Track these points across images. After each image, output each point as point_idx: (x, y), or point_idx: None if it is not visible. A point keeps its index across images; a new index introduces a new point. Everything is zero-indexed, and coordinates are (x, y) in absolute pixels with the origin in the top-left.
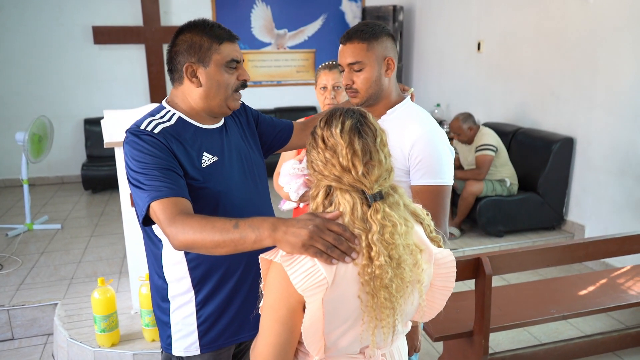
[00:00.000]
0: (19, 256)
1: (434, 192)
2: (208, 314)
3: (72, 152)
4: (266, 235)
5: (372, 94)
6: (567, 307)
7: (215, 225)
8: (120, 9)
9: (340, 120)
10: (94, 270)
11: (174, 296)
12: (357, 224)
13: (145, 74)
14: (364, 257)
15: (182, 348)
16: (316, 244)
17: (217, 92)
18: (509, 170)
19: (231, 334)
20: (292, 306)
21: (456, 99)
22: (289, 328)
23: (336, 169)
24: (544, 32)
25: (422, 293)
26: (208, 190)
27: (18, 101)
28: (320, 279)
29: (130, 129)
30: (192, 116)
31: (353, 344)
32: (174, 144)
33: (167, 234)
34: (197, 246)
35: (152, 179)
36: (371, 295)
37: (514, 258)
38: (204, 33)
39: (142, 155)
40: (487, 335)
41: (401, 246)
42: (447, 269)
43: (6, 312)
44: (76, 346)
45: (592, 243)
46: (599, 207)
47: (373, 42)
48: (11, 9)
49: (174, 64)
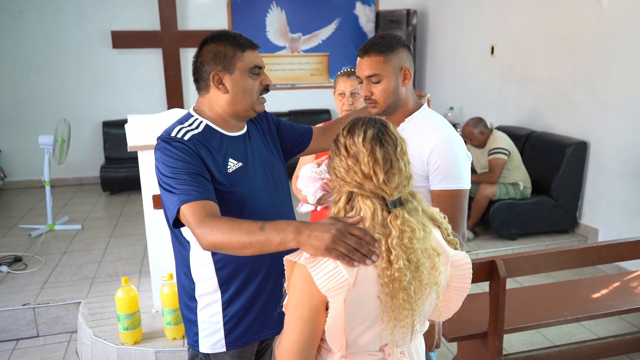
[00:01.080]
0: (42, 256)
1: (453, 196)
2: (233, 313)
3: (90, 154)
4: (290, 238)
5: (390, 104)
6: (580, 310)
7: (242, 227)
8: (139, 14)
9: (362, 129)
10: (114, 270)
11: (201, 295)
12: (377, 229)
13: (162, 77)
14: (384, 260)
15: (209, 345)
16: (339, 247)
17: (243, 97)
18: (522, 173)
19: (255, 332)
20: (315, 305)
21: (469, 103)
22: (312, 326)
23: (358, 176)
24: (558, 36)
25: (440, 294)
26: (234, 195)
27: (38, 104)
28: (342, 281)
29: (162, 136)
30: (218, 124)
31: (373, 342)
32: (202, 150)
33: (196, 235)
34: (225, 247)
35: (182, 183)
36: (390, 296)
37: (527, 261)
38: (228, 42)
39: (173, 161)
40: (501, 336)
41: (419, 250)
42: (463, 270)
43: (32, 310)
44: (100, 343)
45: (605, 247)
46: (612, 210)
47: (389, 54)
48: (32, 14)
49: (200, 74)
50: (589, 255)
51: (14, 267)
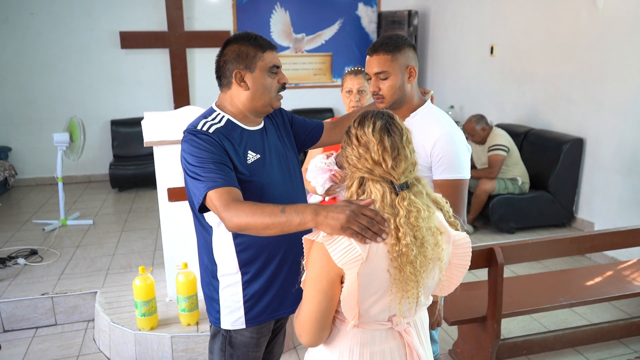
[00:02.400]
0: (56, 249)
1: (454, 185)
2: (253, 292)
3: (99, 152)
4: (309, 219)
5: (396, 99)
6: (575, 296)
7: (264, 210)
8: (146, 14)
9: (371, 121)
10: (127, 262)
11: (222, 276)
12: (387, 210)
13: (169, 77)
14: (393, 237)
15: (230, 322)
16: (352, 226)
17: (262, 94)
18: (521, 169)
19: (272, 310)
20: (332, 279)
21: (469, 101)
22: (328, 297)
23: (368, 162)
24: (555, 37)
25: (442, 269)
26: (253, 184)
27: (48, 103)
28: (356, 255)
29: (188, 129)
30: (238, 118)
31: (382, 312)
32: (226, 142)
33: (223, 218)
34: (249, 228)
35: (208, 171)
36: (398, 269)
37: (524, 248)
38: (250, 43)
39: (199, 151)
40: (500, 320)
41: (424, 228)
42: (464, 249)
43: (50, 300)
44: (118, 330)
45: (598, 235)
46: (607, 205)
47: (396, 53)
48: (43, 16)
49: (223, 71)
50: (583, 244)
51: (30, 260)
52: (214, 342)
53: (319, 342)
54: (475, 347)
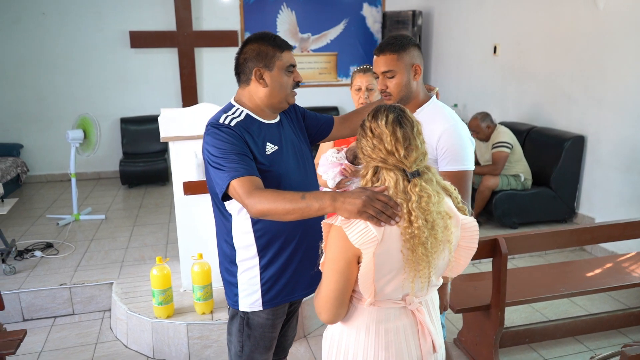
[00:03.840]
0: (71, 242)
1: (459, 176)
2: (269, 276)
3: (108, 149)
4: (328, 204)
5: (403, 96)
6: (575, 286)
7: (285, 196)
8: (155, 14)
9: (384, 114)
10: (141, 255)
11: (241, 261)
12: (400, 195)
13: (177, 76)
14: (405, 221)
15: (248, 304)
16: (368, 210)
17: (279, 91)
18: (524, 166)
19: (287, 293)
20: (349, 259)
21: (472, 100)
22: (346, 277)
23: (382, 152)
24: (557, 37)
25: (451, 251)
26: (272, 173)
27: (60, 102)
28: (372, 237)
29: (211, 123)
30: (256, 112)
31: (396, 291)
32: (246, 135)
33: (246, 205)
34: (271, 213)
35: (231, 161)
36: (411, 250)
37: (527, 240)
38: (269, 43)
39: (222, 143)
40: (503, 308)
41: (435, 212)
42: (472, 232)
43: (68, 290)
44: (135, 318)
45: (597, 227)
46: (607, 200)
47: (402, 52)
48: (54, 15)
49: (243, 69)
50: (583, 235)
51: (46, 252)
52: (232, 324)
53: (337, 319)
54: (479, 335)
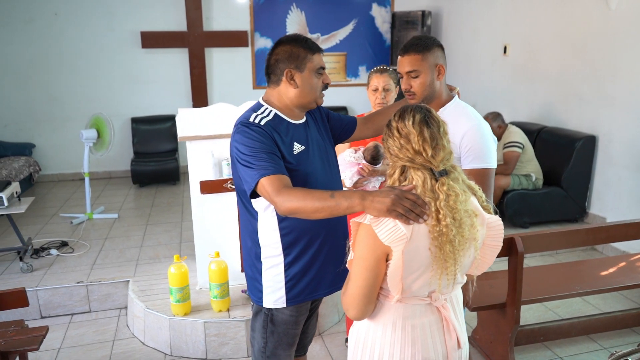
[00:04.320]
0: (85, 241)
1: (482, 174)
2: (294, 274)
3: (119, 149)
4: (357, 203)
5: (426, 96)
6: (590, 285)
7: (314, 195)
8: (166, 15)
9: (411, 114)
10: (155, 253)
11: (266, 258)
12: (428, 194)
13: (187, 76)
14: (433, 219)
15: (272, 301)
16: (397, 209)
17: (309, 92)
18: (535, 165)
19: (311, 291)
20: (378, 257)
21: (482, 100)
22: (375, 274)
23: (409, 152)
24: (568, 37)
25: (477, 248)
26: (299, 172)
27: (72, 101)
28: (401, 235)
29: (241, 121)
30: (284, 112)
31: (423, 288)
32: (275, 134)
33: (275, 202)
34: (300, 211)
35: (260, 160)
36: (439, 248)
37: (542, 238)
38: (301, 45)
39: (252, 142)
40: (519, 306)
41: (462, 211)
42: (497, 230)
43: (85, 288)
44: (152, 315)
45: (613, 226)
46: (619, 200)
47: (426, 53)
48: (67, 16)
49: (274, 69)
50: (598, 234)
51: (62, 251)
52: (255, 320)
53: (364, 315)
54: (494, 332)
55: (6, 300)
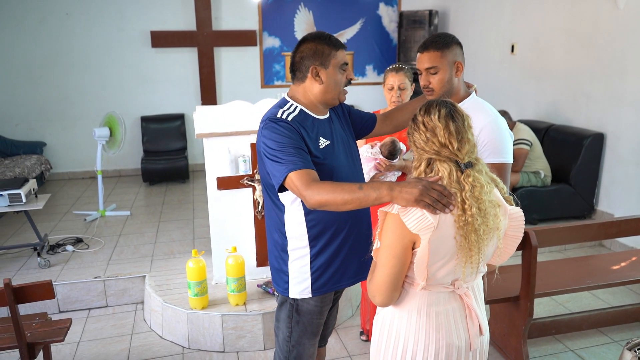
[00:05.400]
0: (100, 237)
1: (499, 168)
2: (319, 265)
3: (129, 147)
4: (385, 193)
5: (445, 92)
6: (602, 279)
7: (343, 187)
8: (176, 15)
9: (437, 109)
10: (170, 250)
11: (293, 250)
12: (454, 185)
13: (197, 75)
14: (459, 209)
15: (298, 292)
16: (425, 199)
17: (334, 87)
18: (543, 163)
19: (335, 282)
20: (405, 244)
21: (490, 99)
22: (401, 261)
23: (435, 145)
24: (576, 35)
25: (500, 238)
26: (325, 167)
27: (82, 100)
28: (428, 224)
29: (269, 117)
30: (310, 108)
31: (447, 276)
32: (301, 129)
33: (304, 196)
34: (330, 203)
35: (289, 155)
36: (464, 237)
37: (555, 233)
38: (325, 42)
39: (280, 137)
40: (533, 299)
41: (487, 201)
42: (518, 221)
43: (102, 283)
44: (170, 309)
45: (624, 221)
46: (627, 197)
47: (445, 50)
48: (78, 16)
49: (299, 66)
50: (610, 229)
51: (77, 247)
52: (280, 310)
53: (390, 302)
54: (507, 325)
55: (33, 293)
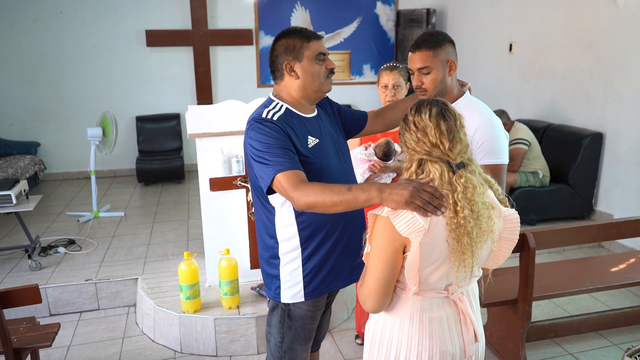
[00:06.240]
0: (93, 239)
1: (494, 169)
2: (311, 267)
3: (124, 147)
4: (375, 195)
5: (438, 92)
6: (601, 281)
7: (332, 189)
8: (171, 13)
9: (428, 108)
10: (163, 251)
11: (284, 253)
12: (445, 186)
13: (192, 74)
14: (451, 211)
15: (290, 296)
16: (415, 201)
17: (312, 80)
18: (542, 162)
19: (328, 284)
20: (396, 248)
21: (488, 98)
22: (392, 266)
23: (427, 145)
24: (575, 34)
25: (494, 241)
26: (315, 166)
27: (77, 100)
28: (419, 227)
29: (254, 118)
30: (295, 107)
31: (440, 281)
32: (288, 128)
33: (292, 198)
34: (318, 205)
35: (275, 155)
36: (456, 240)
37: (554, 234)
38: (296, 35)
39: (266, 138)
40: (531, 302)
41: (479, 203)
42: (513, 224)
43: (94, 285)
44: (162, 313)
45: (624, 223)
46: (627, 197)
47: (437, 49)
48: (72, 14)
49: (275, 65)
50: (609, 231)
51: (70, 249)
52: (272, 315)
53: (381, 308)
54: (505, 329)
55: (19, 297)
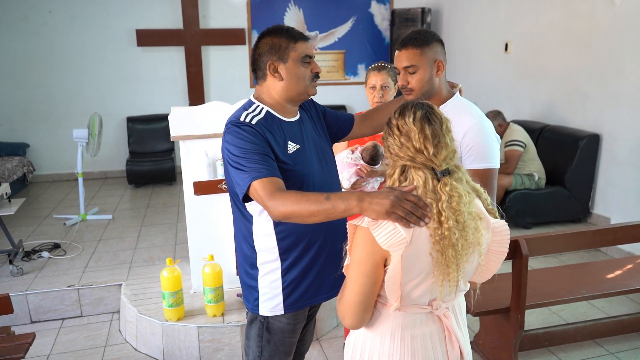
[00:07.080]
0: (78, 243)
1: (484, 174)
2: (292, 279)
3: (115, 149)
4: (354, 205)
5: (425, 92)
6: (596, 288)
7: (309, 198)
8: (162, 13)
9: (412, 111)
10: (150, 256)
11: (262, 264)
12: (429, 195)
13: (184, 74)
14: (435, 222)
15: (269, 308)
16: (397, 211)
17: (296, 83)
18: (537, 165)
19: (309, 297)
20: (376, 261)
21: (483, 98)
22: (372, 280)
23: (410, 151)
24: (572, 33)
25: (481, 254)
26: (295, 173)
27: (66, 101)
28: (401, 239)
29: (232, 121)
30: (276, 110)
31: (424, 296)
32: (267, 133)
33: (268, 207)
34: (295, 216)
35: (252, 162)
36: (440, 252)
37: (547, 241)
38: (282, 35)
39: (244, 143)
40: (524, 311)
41: (465, 213)
42: (502, 235)
43: (76, 292)
44: (145, 320)
45: (620, 228)
46: (624, 199)
47: (425, 47)
48: (62, 14)
49: (258, 64)
50: (605, 236)
51: (54, 253)
52: (250, 328)
53: (361, 324)
54: (498, 338)
55: None
